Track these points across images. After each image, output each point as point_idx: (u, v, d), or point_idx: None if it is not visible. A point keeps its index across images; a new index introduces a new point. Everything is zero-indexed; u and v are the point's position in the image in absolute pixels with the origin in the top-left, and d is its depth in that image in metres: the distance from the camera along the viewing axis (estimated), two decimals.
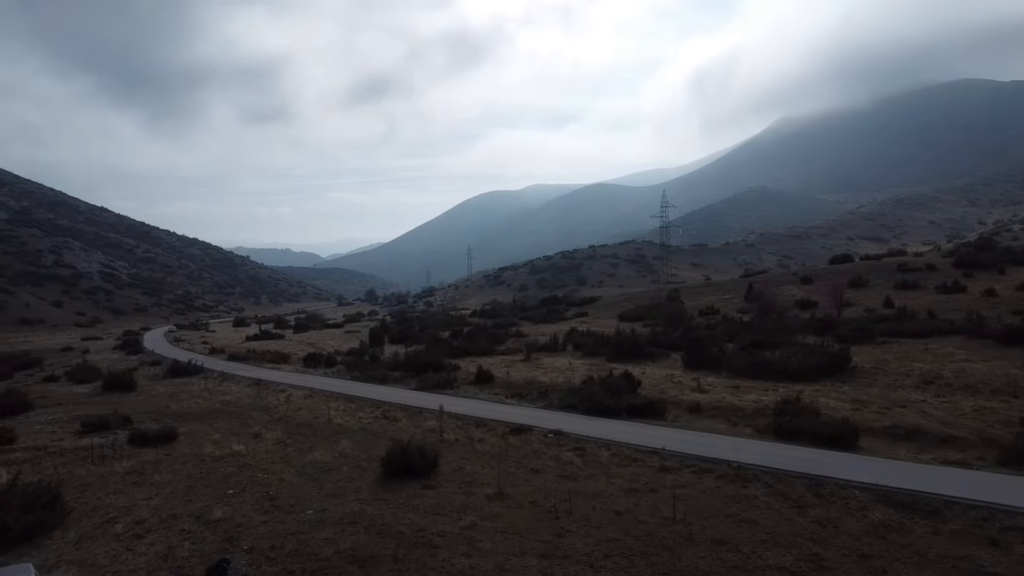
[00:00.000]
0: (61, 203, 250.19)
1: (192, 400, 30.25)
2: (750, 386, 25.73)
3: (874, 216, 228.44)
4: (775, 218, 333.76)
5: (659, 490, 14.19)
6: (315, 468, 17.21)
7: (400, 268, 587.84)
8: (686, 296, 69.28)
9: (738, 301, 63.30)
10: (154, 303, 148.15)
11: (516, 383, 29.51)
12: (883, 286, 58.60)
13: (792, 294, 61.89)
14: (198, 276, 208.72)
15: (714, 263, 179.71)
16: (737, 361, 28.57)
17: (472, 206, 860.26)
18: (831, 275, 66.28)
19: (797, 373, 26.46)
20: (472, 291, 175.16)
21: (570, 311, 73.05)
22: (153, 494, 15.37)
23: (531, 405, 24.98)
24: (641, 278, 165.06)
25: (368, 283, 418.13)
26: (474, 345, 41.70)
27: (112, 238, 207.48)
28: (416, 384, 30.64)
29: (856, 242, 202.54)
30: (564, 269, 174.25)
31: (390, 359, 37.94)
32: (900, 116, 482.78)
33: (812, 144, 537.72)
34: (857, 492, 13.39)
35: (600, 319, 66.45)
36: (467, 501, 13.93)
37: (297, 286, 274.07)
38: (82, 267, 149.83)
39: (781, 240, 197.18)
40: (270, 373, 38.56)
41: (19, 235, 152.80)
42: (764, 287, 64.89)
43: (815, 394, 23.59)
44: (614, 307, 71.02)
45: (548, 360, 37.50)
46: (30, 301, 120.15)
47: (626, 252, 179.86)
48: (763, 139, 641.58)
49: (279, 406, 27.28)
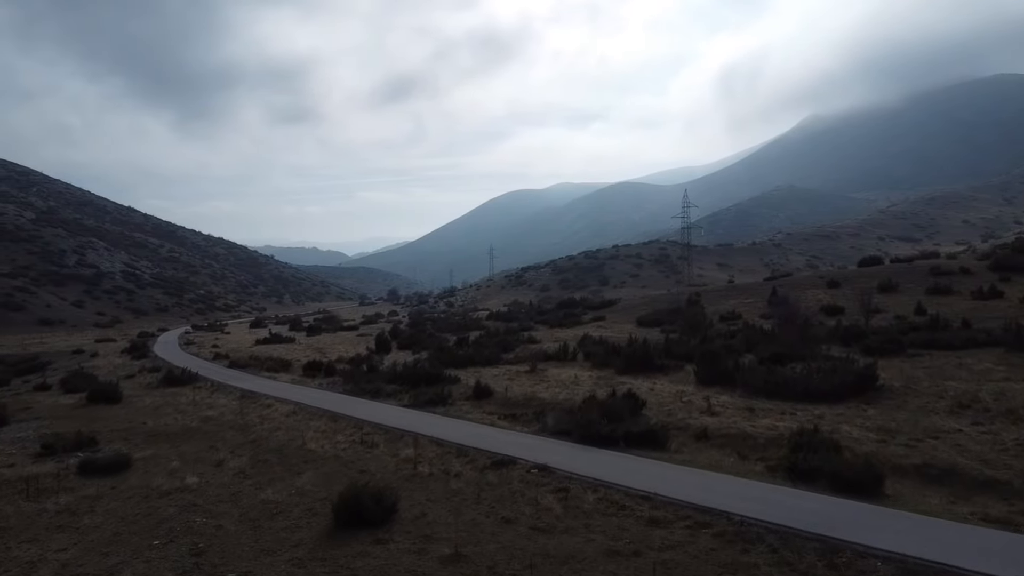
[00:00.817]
0: (88, 203, 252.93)
1: (173, 415, 28.65)
2: (766, 408, 23.44)
3: (906, 215, 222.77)
4: (804, 217, 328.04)
5: (644, 553, 12.00)
6: (263, 510, 15.27)
7: (425, 267, 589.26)
8: (707, 300, 66.77)
9: (761, 305, 60.68)
10: (175, 303, 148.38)
11: (514, 399, 27.48)
12: (914, 291, 55.70)
13: (818, 299, 59.17)
14: (221, 276, 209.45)
15: (740, 263, 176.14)
16: (754, 378, 26.23)
17: (498, 205, 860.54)
18: (860, 279, 63.34)
19: (819, 393, 24.09)
20: (493, 291, 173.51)
21: (587, 315, 70.92)
22: (72, 543, 13.56)
23: (524, 429, 22.88)
24: (665, 279, 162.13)
25: (392, 282, 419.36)
26: (480, 354, 39.68)
27: (137, 238, 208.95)
28: (409, 399, 28.64)
29: (887, 242, 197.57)
30: (586, 269, 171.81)
31: (389, 369, 36.06)
32: (933, 113, 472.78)
33: (842, 142, 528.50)
34: (879, 564, 11.09)
35: (617, 323, 64.22)
36: (416, 564, 11.85)
37: (320, 286, 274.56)
38: (105, 267, 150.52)
39: (810, 240, 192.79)
40: (265, 383, 36.93)
41: (43, 235, 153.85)
42: (788, 291, 62.15)
43: (837, 419, 21.27)
44: (633, 311, 68.71)
45: (555, 371, 35.42)
46: (51, 301, 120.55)
47: (650, 252, 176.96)
48: (792, 137, 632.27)
49: (257, 425, 25.51)
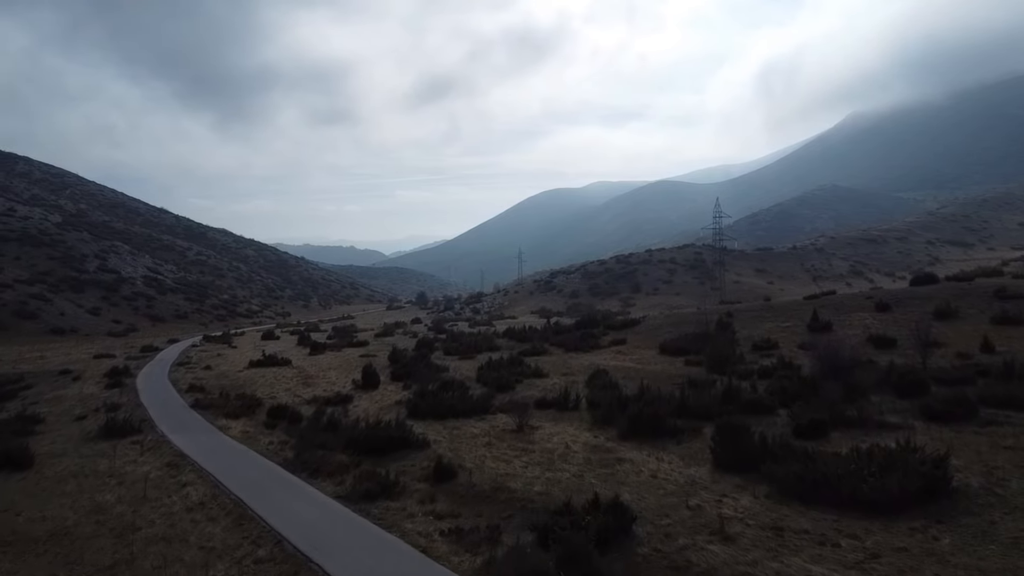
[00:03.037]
0: (120, 204, 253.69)
1: (71, 498, 23.49)
2: (799, 528, 17.40)
3: (956, 218, 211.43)
4: (848, 218, 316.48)
5: None
6: None
7: (460, 265, 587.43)
8: (740, 321, 60.27)
9: (800, 331, 54.11)
10: (196, 309, 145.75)
11: (479, 489, 21.67)
12: (978, 318, 48.71)
13: (864, 324, 52.52)
14: (248, 279, 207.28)
15: (780, 269, 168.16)
16: (786, 471, 20.16)
17: (534, 204, 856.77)
18: (913, 301, 56.41)
19: (871, 503, 18.05)
20: (522, 297, 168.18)
21: (607, 335, 64.92)
22: None
23: (468, 556, 16.92)
24: (699, 285, 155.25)
25: (425, 283, 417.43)
26: (463, 402, 34.04)
27: (165, 240, 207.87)
28: (351, 483, 22.73)
29: (936, 246, 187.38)
30: (618, 275, 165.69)
31: (351, 425, 30.57)
32: (980, 109, 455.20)
33: (886, 139, 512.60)
34: None
35: (639, 348, 58.13)
36: None
37: (350, 288, 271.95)
38: (126, 272, 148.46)
39: (854, 244, 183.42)
40: (210, 440, 31.63)
41: (66, 239, 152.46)
42: (832, 316, 55.43)
43: (897, 559, 15.26)
44: (657, 332, 62.49)
45: (547, 430, 29.68)
46: (66, 309, 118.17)
47: (684, 257, 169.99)
48: (834, 135, 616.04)
49: (146, 528, 20.04)
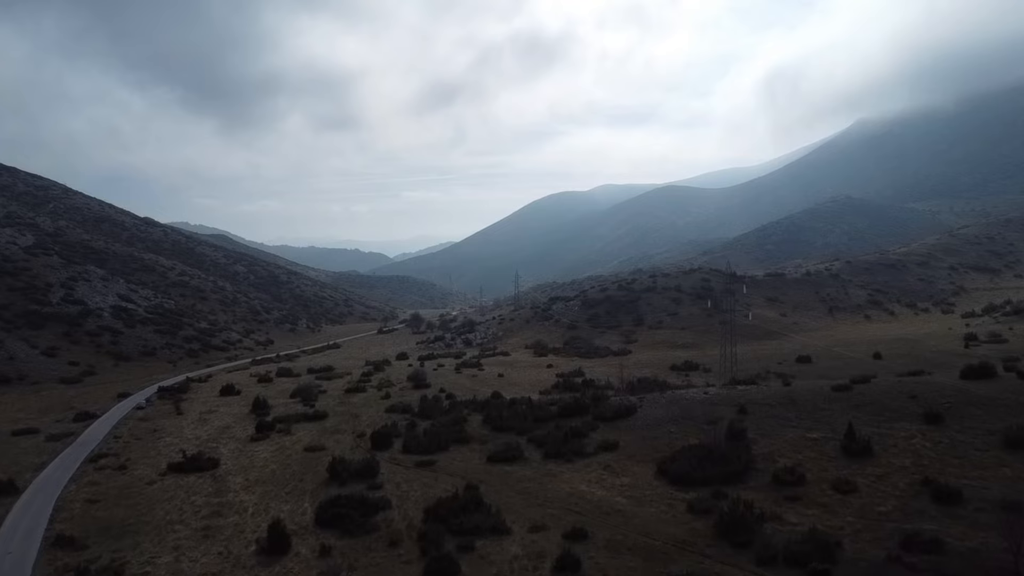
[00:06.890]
0: (106, 219, 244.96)
1: None
2: None
3: (980, 239, 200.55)
4: (862, 232, 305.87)
5: None
6: None
7: (464, 271, 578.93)
8: (757, 422, 49.94)
9: (832, 449, 44.08)
10: (166, 344, 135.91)
11: None
12: None
13: (912, 447, 42.74)
14: (233, 300, 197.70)
15: (793, 298, 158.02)
16: None
17: (540, 207, 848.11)
18: (968, 407, 46.45)
19: None
20: (517, 326, 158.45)
21: (598, 429, 54.79)
22: None
23: None
24: (707, 318, 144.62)
25: (426, 292, 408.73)
26: None
27: (147, 260, 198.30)
28: None
29: (960, 272, 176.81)
30: (619, 303, 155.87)
31: None
32: (993, 116, 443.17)
33: (896, 147, 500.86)
34: None
35: (632, 462, 47.95)
36: None
37: (343, 305, 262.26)
38: (93, 302, 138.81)
39: (872, 269, 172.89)
40: None
41: (32, 267, 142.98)
42: (870, 425, 45.20)
43: None
44: (656, 431, 52.27)
45: None
46: (18, 351, 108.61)
47: (691, 284, 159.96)
48: (842, 141, 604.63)
49: None
